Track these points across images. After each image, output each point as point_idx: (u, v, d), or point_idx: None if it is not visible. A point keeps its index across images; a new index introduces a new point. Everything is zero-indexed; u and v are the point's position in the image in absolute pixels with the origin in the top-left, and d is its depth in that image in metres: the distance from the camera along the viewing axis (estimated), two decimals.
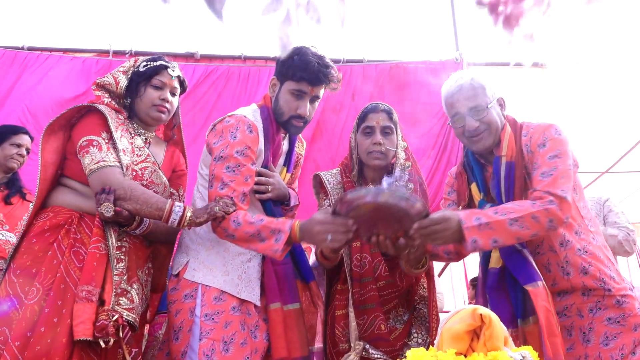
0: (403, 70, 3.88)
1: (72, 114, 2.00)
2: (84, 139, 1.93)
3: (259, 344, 1.91)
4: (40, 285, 1.78)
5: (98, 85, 2.06)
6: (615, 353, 1.78)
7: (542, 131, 1.93)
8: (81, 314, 1.73)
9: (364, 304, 2.10)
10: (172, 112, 2.14)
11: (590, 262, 1.87)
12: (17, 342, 1.69)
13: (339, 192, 2.23)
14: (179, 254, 2.05)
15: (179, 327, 1.90)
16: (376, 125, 2.20)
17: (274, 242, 1.77)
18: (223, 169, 1.88)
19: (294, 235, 1.78)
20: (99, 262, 1.82)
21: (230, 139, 1.92)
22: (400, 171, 2.22)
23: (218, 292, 1.91)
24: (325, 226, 1.73)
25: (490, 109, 1.98)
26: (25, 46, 3.73)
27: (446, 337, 1.35)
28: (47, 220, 1.91)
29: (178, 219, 1.84)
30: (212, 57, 3.94)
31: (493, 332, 1.32)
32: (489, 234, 1.73)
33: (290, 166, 2.20)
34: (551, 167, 1.84)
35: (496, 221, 1.74)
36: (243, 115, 2.00)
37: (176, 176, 2.23)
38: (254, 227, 1.80)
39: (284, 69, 2.03)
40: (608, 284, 1.85)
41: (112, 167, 1.89)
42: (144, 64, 2.09)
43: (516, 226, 1.73)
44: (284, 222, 1.81)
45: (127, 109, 2.08)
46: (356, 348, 2.01)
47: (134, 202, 1.85)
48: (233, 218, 1.82)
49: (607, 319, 1.82)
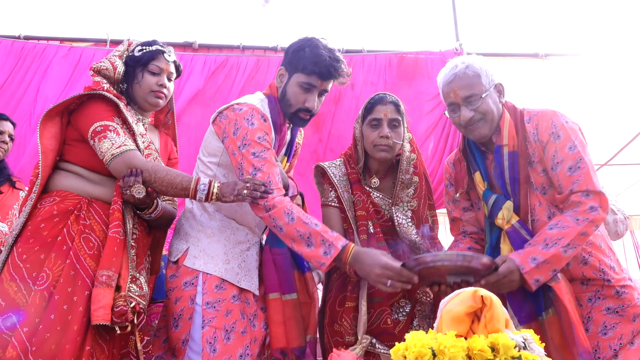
0: (403, 60, 3.86)
1: (72, 101, 1.98)
2: (98, 124, 1.90)
3: (257, 333, 1.92)
4: (50, 271, 1.76)
5: (95, 71, 2.03)
6: (614, 343, 1.79)
7: (548, 119, 1.90)
8: (101, 299, 1.71)
9: (372, 298, 2.10)
10: (169, 97, 2.12)
11: (590, 252, 1.87)
12: (26, 328, 1.68)
13: (346, 184, 2.22)
14: (177, 240, 2.03)
15: (179, 315, 1.89)
16: (384, 117, 2.17)
17: (322, 253, 1.75)
18: (250, 156, 1.86)
19: (345, 258, 1.77)
20: (118, 247, 1.81)
21: (249, 125, 1.90)
22: (407, 164, 2.21)
23: (219, 280, 1.90)
24: (388, 272, 1.72)
25: (486, 98, 1.95)
26: (22, 35, 3.70)
27: (446, 320, 1.34)
28: (54, 204, 1.88)
29: (204, 196, 1.84)
30: (210, 46, 3.91)
31: (494, 313, 1.30)
32: (547, 268, 1.76)
33: (291, 155, 2.20)
34: (576, 159, 1.83)
35: (552, 255, 1.76)
36: (254, 104, 1.97)
37: (171, 164, 2.22)
38: (307, 228, 1.78)
39: (294, 60, 1.99)
40: (607, 275, 1.84)
41: (133, 150, 1.89)
42: (139, 48, 2.06)
43: (570, 251, 1.77)
44: (338, 238, 1.79)
45: (123, 94, 2.06)
46: (363, 342, 2.00)
47: (159, 184, 1.85)
48: (287, 210, 1.80)
49: (605, 309, 1.82)
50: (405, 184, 2.20)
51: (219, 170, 1.99)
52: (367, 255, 1.77)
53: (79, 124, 1.95)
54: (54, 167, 1.98)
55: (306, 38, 2.00)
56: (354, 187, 2.22)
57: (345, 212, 2.17)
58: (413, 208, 2.20)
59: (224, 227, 1.98)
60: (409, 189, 2.21)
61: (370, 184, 2.25)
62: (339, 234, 1.83)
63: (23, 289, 1.74)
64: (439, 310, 1.42)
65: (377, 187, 2.24)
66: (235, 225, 2.02)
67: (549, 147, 1.87)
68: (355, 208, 2.18)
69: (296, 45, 2.00)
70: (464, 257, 1.72)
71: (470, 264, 1.70)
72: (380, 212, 2.21)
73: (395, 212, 2.18)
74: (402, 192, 2.20)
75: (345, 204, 2.18)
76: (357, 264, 1.77)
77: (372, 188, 2.24)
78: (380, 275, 1.73)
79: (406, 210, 2.20)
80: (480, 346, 1.22)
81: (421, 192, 2.22)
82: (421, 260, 1.72)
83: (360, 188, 2.22)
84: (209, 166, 2.01)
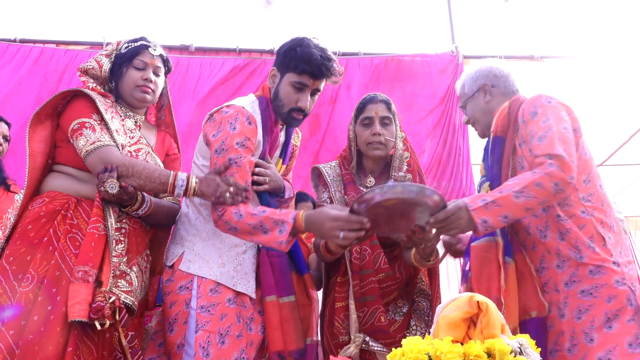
0: (399, 63, 3.88)
1: (58, 101, 1.98)
2: (75, 122, 1.91)
3: (254, 337, 1.91)
4: (35, 272, 1.76)
5: (82, 71, 2.05)
6: (586, 327, 1.73)
7: (532, 101, 1.93)
8: (77, 295, 1.70)
9: (364, 296, 2.10)
10: (157, 92, 2.11)
11: (569, 228, 1.83)
12: (12, 330, 1.67)
13: (339, 185, 2.24)
14: (173, 244, 2.03)
15: (174, 319, 1.89)
16: (375, 115, 2.21)
17: (278, 233, 1.76)
18: (226, 162, 1.86)
19: (299, 225, 1.77)
20: (97, 242, 1.80)
21: (230, 129, 1.90)
22: (399, 162, 2.23)
23: (214, 284, 1.90)
24: (338, 223, 1.72)
25: (470, 102, 2.09)
26: (17, 38, 3.70)
27: (442, 325, 1.35)
28: (42, 205, 1.88)
29: (183, 191, 1.84)
30: (207, 49, 3.91)
31: (490, 319, 1.31)
32: (496, 211, 1.71)
33: (286, 158, 2.20)
34: (545, 130, 1.83)
35: (501, 197, 1.73)
36: (241, 107, 1.97)
37: (170, 160, 2.21)
38: (256, 218, 1.78)
39: (285, 60, 1.99)
40: (582, 252, 1.80)
41: (108, 145, 1.88)
42: (126, 45, 2.06)
43: (522, 198, 1.71)
44: (287, 213, 1.80)
45: (112, 92, 2.06)
46: (356, 340, 2.02)
47: (136, 178, 1.85)
48: (234, 210, 1.80)
49: (580, 292, 1.78)
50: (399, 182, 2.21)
51: None
52: (317, 214, 1.79)
53: (63, 124, 1.97)
54: (49, 170, 1.99)
55: (297, 38, 2.00)
56: (347, 188, 2.24)
57: None
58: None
59: (219, 230, 1.98)
60: None
61: (366, 183, 2.27)
62: (288, 210, 1.85)
63: (8, 290, 1.74)
64: (435, 316, 1.43)
65: (371, 187, 2.25)
66: None
67: (528, 125, 1.89)
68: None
69: (287, 45, 2.00)
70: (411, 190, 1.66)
71: (418, 197, 1.64)
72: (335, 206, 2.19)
73: None
74: None
75: (336, 204, 2.19)
76: (312, 226, 1.77)
77: (367, 187, 2.25)
78: (332, 228, 1.72)
79: None
80: (477, 352, 1.22)
81: None
82: (366, 197, 1.65)
83: (354, 188, 2.24)
84: (202, 169, 2.02)
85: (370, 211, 1.69)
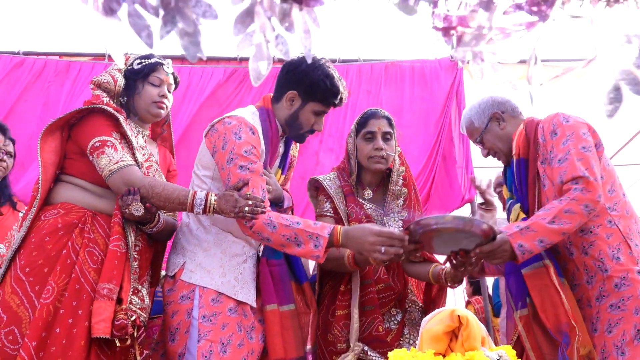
0: (398, 68, 3.89)
1: (72, 115, 2.00)
2: (96, 140, 1.92)
3: (255, 345, 1.94)
4: (55, 284, 1.78)
5: (95, 84, 2.06)
6: (617, 340, 1.78)
7: (550, 120, 1.99)
8: (102, 312, 1.73)
9: (363, 306, 2.15)
10: (169, 108, 2.16)
11: (592, 241, 1.89)
12: (34, 342, 1.69)
13: (340, 196, 2.29)
14: (174, 254, 2.05)
15: (176, 329, 1.91)
16: (377, 130, 2.28)
17: (312, 247, 1.79)
18: (237, 170, 1.88)
19: (336, 240, 1.81)
20: (119, 260, 1.83)
21: (236, 139, 1.93)
22: (397, 176, 2.31)
23: (215, 293, 1.92)
24: (381, 238, 1.77)
25: (486, 134, 2.14)
26: (21, 51, 3.73)
27: (426, 338, 1.41)
28: (58, 217, 1.90)
29: (202, 210, 1.85)
30: (208, 58, 3.94)
31: (470, 332, 1.37)
32: (532, 236, 1.78)
33: (285, 168, 2.23)
34: (565, 151, 1.88)
35: (534, 223, 1.79)
36: (244, 117, 2.00)
37: (170, 176, 2.25)
38: (290, 230, 1.81)
39: (310, 90, 2.03)
40: (606, 265, 1.85)
41: (131, 166, 1.91)
42: (138, 61, 2.10)
43: (556, 224, 1.78)
44: (322, 227, 1.83)
45: (123, 107, 2.08)
46: (355, 349, 2.05)
47: (156, 199, 1.87)
48: (266, 221, 1.82)
49: (609, 306, 1.83)
50: (395, 195, 2.31)
51: (213, 184, 2.02)
52: (357, 229, 1.84)
53: (79, 138, 1.98)
54: (56, 180, 2.01)
55: (318, 65, 2.04)
56: (348, 199, 2.30)
57: (342, 223, 2.24)
58: (403, 218, 2.30)
59: (220, 240, 2.01)
60: (399, 200, 2.32)
61: (364, 195, 2.34)
62: (322, 223, 1.87)
63: (26, 302, 1.76)
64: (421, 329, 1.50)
65: (369, 199, 2.32)
66: (231, 239, 2.03)
67: (548, 144, 1.95)
68: (349, 219, 2.27)
69: (312, 75, 2.02)
70: (464, 221, 1.80)
71: (471, 228, 1.76)
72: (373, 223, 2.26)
73: (387, 222, 2.28)
74: (393, 203, 2.31)
75: (341, 215, 2.26)
76: (350, 241, 1.82)
77: (365, 200, 2.32)
78: (374, 242, 1.78)
79: (397, 220, 2.30)
80: None
81: (410, 203, 2.32)
82: (424, 222, 1.79)
83: (353, 200, 2.30)
84: (204, 180, 2.04)
85: (425, 234, 1.80)
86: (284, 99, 2.08)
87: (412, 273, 2.29)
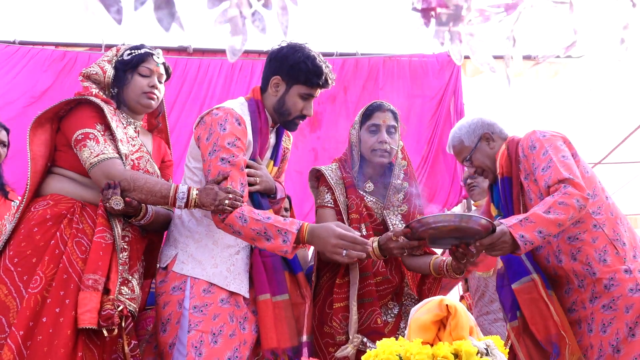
0: (396, 63, 3.89)
1: (61, 107, 1.99)
2: (79, 133, 1.92)
3: (247, 336, 1.94)
4: (43, 274, 1.78)
5: (84, 76, 2.05)
6: (612, 339, 1.84)
7: (528, 137, 2.07)
8: (87, 303, 1.74)
9: (362, 298, 2.16)
10: (160, 99, 2.15)
11: (579, 247, 1.95)
12: (21, 331, 1.70)
13: (342, 188, 2.30)
14: (166, 246, 2.06)
15: (167, 319, 1.92)
16: (382, 124, 2.28)
17: (281, 242, 1.79)
18: (218, 162, 1.89)
19: (302, 237, 1.81)
20: (104, 251, 1.83)
21: (220, 131, 1.93)
22: (399, 170, 2.32)
23: (207, 284, 1.92)
24: (343, 242, 1.77)
25: (475, 153, 2.17)
26: (16, 40, 3.71)
27: (414, 328, 1.42)
28: (47, 208, 1.90)
29: (184, 203, 1.85)
30: (205, 50, 3.93)
31: (459, 322, 1.37)
32: (531, 227, 1.81)
33: (277, 160, 2.22)
34: (547, 160, 1.95)
35: (532, 214, 1.83)
36: (231, 108, 2.00)
37: (165, 166, 2.24)
38: (260, 224, 1.81)
39: (292, 72, 2.02)
40: (594, 268, 1.92)
41: (112, 159, 1.90)
42: (128, 52, 2.09)
43: (552, 214, 1.81)
44: (291, 223, 1.83)
45: (114, 99, 2.08)
46: (354, 341, 2.06)
47: (138, 193, 1.87)
48: (238, 214, 1.82)
49: (602, 307, 1.89)
50: (397, 189, 2.31)
51: (204, 176, 2.01)
52: (322, 229, 1.81)
53: (66, 130, 1.98)
54: (48, 172, 2.00)
55: (299, 48, 2.04)
56: (348, 191, 2.30)
57: (341, 214, 2.24)
58: (403, 212, 2.31)
59: (211, 231, 2.00)
60: (400, 194, 2.32)
61: (365, 188, 2.33)
62: (292, 219, 1.88)
63: (14, 292, 1.77)
64: (409, 318, 1.50)
65: (370, 192, 2.32)
66: None
67: (529, 158, 2.02)
68: (349, 211, 2.27)
69: (291, 57, 2.02)
70: (462, 218, 1.88)
71: (468, 224, 1.82)
72: (373, 216, 2.30)
73: (387, 215, 2.28)
74: (394, 197, 2.31)
75: (341, 207, 2.26)
76: (315, 239, 1.81)
77: (366, 192, 2.32)
78: (335, 245, 1.77)
79: (397, 214, 2.30)
80: (444, 353, 1.27)
81: (410, 197, 2.32)
82: (424, 221, 1.86)
83: (354, 192, 2.29)
84: (195, 172, 2.04)
85: (425, 232, 1.87)
86: (269, 86, 2.08)
87: (413, 266, 2.30)
